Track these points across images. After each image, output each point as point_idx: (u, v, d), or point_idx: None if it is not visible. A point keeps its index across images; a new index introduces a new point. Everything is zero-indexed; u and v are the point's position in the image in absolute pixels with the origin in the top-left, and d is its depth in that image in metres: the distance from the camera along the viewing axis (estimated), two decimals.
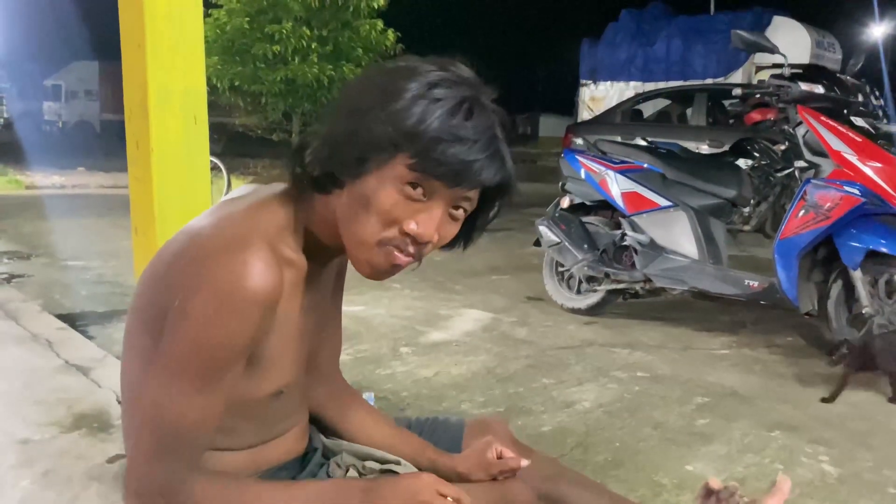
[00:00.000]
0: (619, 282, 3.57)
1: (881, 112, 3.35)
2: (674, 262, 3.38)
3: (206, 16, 9.52)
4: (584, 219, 3.79)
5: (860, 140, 2.90)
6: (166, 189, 2.74)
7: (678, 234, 3.40)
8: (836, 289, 2.99)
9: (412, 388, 2.61)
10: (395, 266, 0.88)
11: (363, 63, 10.61)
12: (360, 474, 1.04)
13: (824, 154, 2.97)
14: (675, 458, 2.09)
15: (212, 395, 0.85)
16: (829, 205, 2.88)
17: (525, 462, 1.06)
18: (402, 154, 0.83)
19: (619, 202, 3.52)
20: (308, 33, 10.19)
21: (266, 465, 1.01)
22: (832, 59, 11.49)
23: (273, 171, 11.44)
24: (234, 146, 14.85)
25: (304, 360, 1.01)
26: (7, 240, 5.55)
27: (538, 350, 3.15)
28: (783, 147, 3.35)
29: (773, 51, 3.13)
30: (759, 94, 3.22)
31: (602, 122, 8.16)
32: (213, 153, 4.56)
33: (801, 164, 3.11)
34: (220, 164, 7.84)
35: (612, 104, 9.81)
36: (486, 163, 0.84)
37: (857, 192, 2.84)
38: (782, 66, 3.17)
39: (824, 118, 2.97)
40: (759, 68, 9.74)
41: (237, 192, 1.00)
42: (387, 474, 1.02)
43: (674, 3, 13.20)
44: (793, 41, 10.25)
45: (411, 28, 12.29)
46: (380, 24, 10.80)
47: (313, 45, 10.20)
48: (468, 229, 0.95)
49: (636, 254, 3.51)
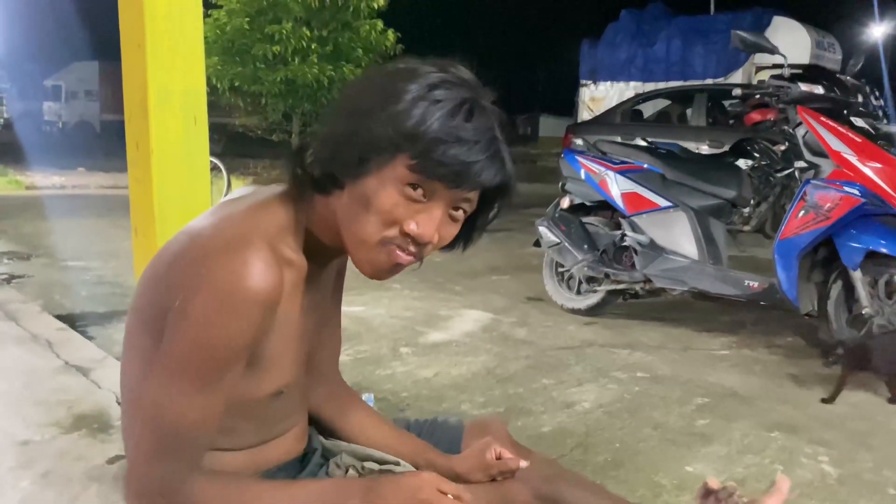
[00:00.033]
0: (619, 282, 3.58)
1: (881, 112, 3.35)
2: (674, 263, 3.38)
3: (206, 16, 9.53)
4: (584, 219, 3.79)
5: (860, 140, 2.91)
6: (166, 190, 2.74)
7: (678, 235, 3.40)
8: (835, 289, 2.99)
9: (412, 389, 2.62)
10: (396, 265, 0.89)
11: (363, 63, 10.61)
12: (360, 475, 1.04)
13: (824, 154, 2.97)
14: (674, 459, 2.09)
15: (212, 395, 0.85)
16: (828, 205, 2.88)
17: (524, 463, 1.06)
18: (402, 155, 0.83)
19: (619, 203, 3.53)
20: (308, 34, 10.19)
21: (265, 466, 1.01)
22: (832, 59, 11.48)
23: (273, 172, 11.43)
24: (235, 146, 14.85)
25: (304, 360, 1.01)
26: (7, 240, 5.55)
27: (538, 350, 3.15)
28: (783, 147, 3.35)
29: (773, 51, 3.13)
30: (758, 95, 3.22)
31: (602, 122, 8.16)
32: (213, 154, 4.56)
33: (801, 164, 3.11)
34: (220, 165, 7.84)
35: (612, 104, 9.80)
36: (486, 164, 0.85)
37: (856, 192, 2.84)
38: (782, 66, 3.17)
39: (824, 119, 2.97)
40: (759, 68, 9.74)
41: (237, 193, 1.00)
42: (386, 474, 1.02)
43: (674, 4, 13.19)
44: (793, 41, 10.24)
45: (411, 28, 12.29)
46: (380, 24, 10.80)
47: (313, 46, 10.20)
48: (468, 230, 0.95)
49: (636, 254, 3.51)
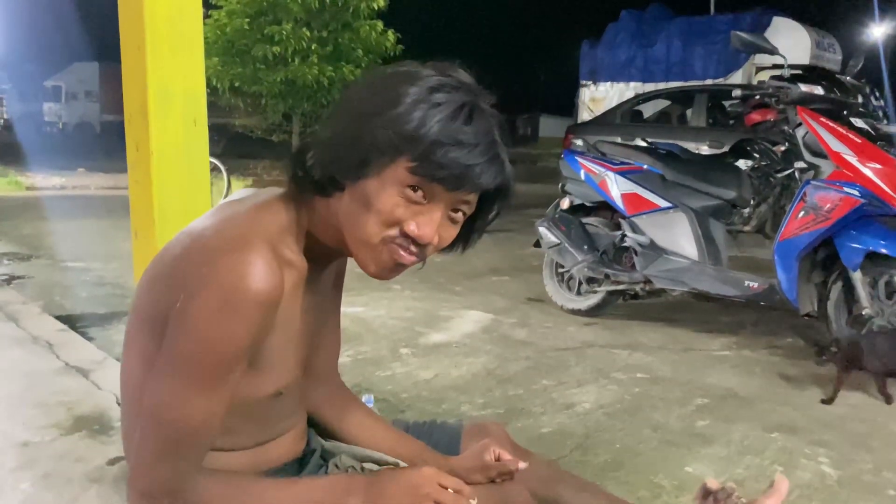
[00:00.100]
0: (619, 283, 3.58)
1: (881, 113, 3.35)
2: (674, 264, 3.38)
3: (206, 17, 9.53)
4: (584, 220, 3.79)
5: (860, 141, 2.91)
6: (166, 192, 2.74)
7: (678, 236, 3.40)
8: (835, 290, 2.99)
9: (412, 390, 2.62)
10: (399, 265, 0.89)
11: (363, 64, 10.60)
12: None
13: (824, 155, 2.98)
14: (674, 460, 2.09)
15: (214, 396, 0.85)
16: (828, 206, 2.88)
17: (523, 465, 1.06)
18: (402, 157, 0.84)
19: (619, 203, 3.53)
20: (308, 34, 10.18)
21: (265, 466, 1.01)
22: (832, 59, 11.48)
23: (273, 172, 11.43)
24: (235, 147, 14.85)
25: (304, 361, 1.01)
26: (7, 241, 5.55)
27: (538, 351, 3.15)
28: (783, 148, 3.35)
29: (773, 52, 3.14)
30: (758, 96, 3.22)
31: (602, 122, 8.16)
32: (213, 154, 4.56)
33: (801, 165, 3.12)
34: (221, 166, 7.84)
35: (612, 105, 9.80)
36: (485, 167, 0.85)
37: (856, 193, 2.85)
38: (782, 67, 3.17)
39: (824, 119, 2.97)
40: (759, 69, 9.73)
41: (237, 194, 1.00)
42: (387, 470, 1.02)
43: (674, 4, 13.19)
44: (793, 42, 10.24)
45: (411, 29, 12.29)
46: (380, 25, 10.80)
47: (313, 47, 10.19)
48: (467, 232, 0.96)
49: (636, 255, 3.51)
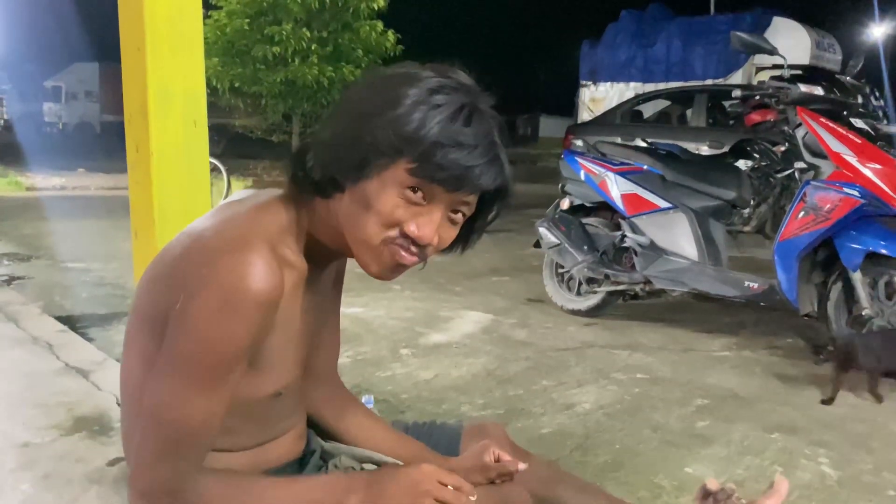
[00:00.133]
0: (619, 283, 3.58)
1: (881, 113, 3.34)
2: (674, 264, 3.38)
3: (206, 17, 9.53)
4: (584, 220, 3.79)
5: (859, 142, 2.91)
6: (166, 193, 2.75)
7: (678, 236, 3.40)
8: (835, 290, 3.00)
9: (412, 391, 2.62)
10: (400, 265, 0.90)
11: (363, 64, 10.61)
12: None
13: (824, 156, 2.98)
14: (674, 460, 2.09)
15: (215, 396, 0.85)
16: (828, 206, 2.88)
17: (522, 465, 1.06)
18: (402, 159, 0.84)
19: (619, 204, 3.53)
20: (308, 35, 10.19)
21: (265, 467, 1.01)
22: (832, 59, 11.49)
23: (273, 173, 11.42)
24: (235, 147, 14.86)
25: (303, 361, 1.01)
26: (7, 241, 5.55)
27: (538, 352, 3.15)
28: (783, 148, 3.35)
29: (773, 52, 3.14)
30: (758, 96, 3.22)
31: (602, 123, 8.16)
32: (213, 155, 4.56)
33: (801, 165, 3.12)
34: (221, 166, 7.84)
35: (612, 105, 9.81)
36: (485, 168, 0.85)
37: (856, 193, 2.85)
38: (782, 67, 3.17)
39: (824, 120, 2.98)
40: (759, 69, 9.73)
41: (237, 195, 1.00)
42: (387, 468, 1.02)
43: (673, 4, 13.20)
44: (793, 42, 10.25)
45: (411, 29, 12.29)
46: (380, 25, 10.80)
47: (313, 47, 10.20)
48: (466, 233, 0.96)
49: (636, 255, 3.51)
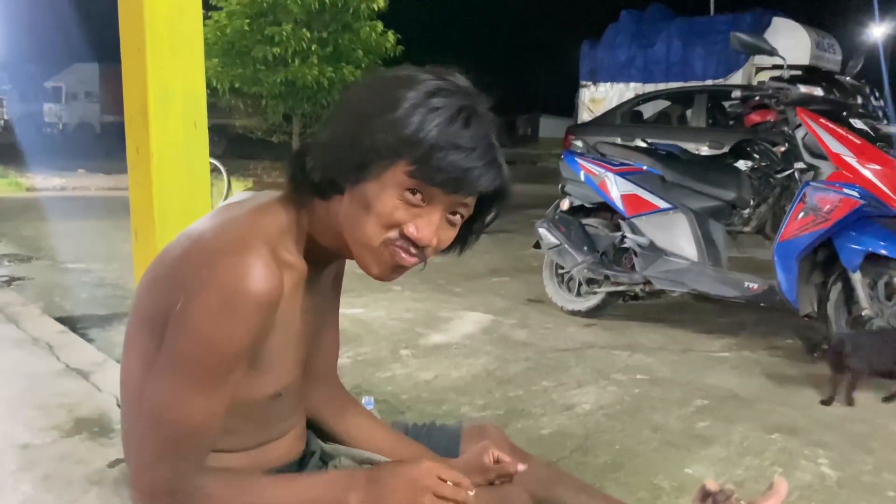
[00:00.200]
0: (619, 284, 3.58)
1: (881, 113, 3.34)
2: (673, 265, 3.38)
3: (206, 18, 9.53)
4: (584, 221, 3.79)
5: (859, 142, 2.91)
6: (166, 194, 2.75)
7: (678, 237, 3.40)
8: (835, 291, 3.00)
9: (412, 391, 2.62)
10: (400, 266, 0.90)
11: (363, 65, 10.61)
12: None
13: (823, 156, 2.98)
14: (674, 461, 2.09)
15: (215, 396, 0.86)
16: (828, 207, 2.88)
17: (522, 466, 1.07)
18: (401, 161, 0.84)
19: (619, 204, 3.53)
20: (308, 35, 10.19)
21: (265, 467, 1.01)
22: (832, 59, 11.48)
23: (273, 173, 11.43)
24: (235, 148, 14.88)
25: (303, 362, 1.02)
26: (7, 242, 5.56)
27: (538, 352, 3.16)
28: (783, 149, 3.35)
29: (772, 53, 3.14)
30: (758, 97, 3.22)
31: (602, 123, 8.17)
32: (214, 155, 4.56)
33: (801, 165, 3.12)
34: (221, 167, 7.85)
35: (612, 105, 9.82)
36: (483, 170, 0.86)
37: (856, 194, 2.85)
38: (782, 67, 3.17)
39: (823, 121, 2.98)
40: (759, 69, 9.74)
41: (236, 197, 1.00)
42: (387, 466, 1.03)
43: (673, 5, 13.21)
44: (793, 42, 10.25)
45: (411, 30, 12.30)
46: (380, 26, 10.80)
47: (313, 47, 10.20)
48: (464, 234, 0.96)
49: (636, 256, 3.51)
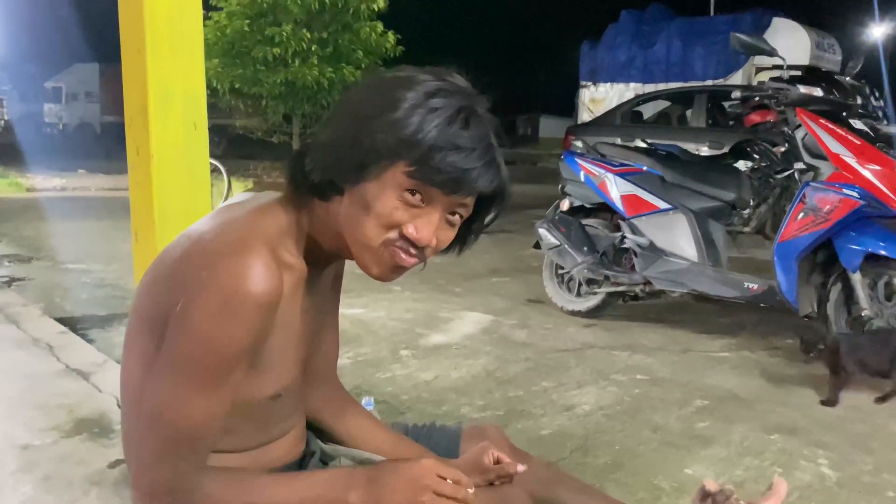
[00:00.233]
0: (619, 284, 3.58)
1: (881, 113, 3.34)
2: (673, 265, 3.39)
3: (206, 18, 9.53)
4: (584, 221, 3.79)
5: (859, 143, 2.91)
6: (166, 195, 2.76)
7: (678, 237, 3.40)
8: (835, 291, 3.00)
9: (412, 392, 2.62)
10: (400, 267, 0.90)
11: (363, 65, 10.60)
12: None
13: (823, 157, 2.98)
14: (674, 462, 2.09)
15: (215, 397, 0.86)
16: (828, 207, 2.88)
17: (521, 467, 1.07)
18: (401, 162, 0.85)
19: (619, 205, 3.53)
20: (308, 36, 10.18)
21: (265, 467, 1.01)
22: (832, 60, 11.48)
23: (274, 174, 11.43)
24: (235, 148, 14.88)
25: (303, 363, 1.02)
26: (8, 243, 5.56)
27: (538, 353, 3.16)
28: (783, 149, 3.35)
29: (772, 53, 3.14)
30: (758, 97, 3.22)
31: (602, 123, 8.17)
32: (214, 156, 4.56)
33: (801, 166, 3.12)
34: (221, 167, 7.85)
35: (612, 106, 9.82)
36: (482, 171, 0.86)
37: (855, 194, 2.85)
38: (782, 68, 3.17)
39: (823, 121, 2.98)
40: (759, 69, 9.74)
41: (236, 198, 1.00)
42: (387, 465, 1.03)
43: (673, 5, 13.22)
44: (793, 42, 10.26)
45: (411, 30, 12.29)
46: (380, 26, 10.79)
47: (313, 48, 10.19)
48: (463, 234, 0.96)
49: (636, 256, 3.51)
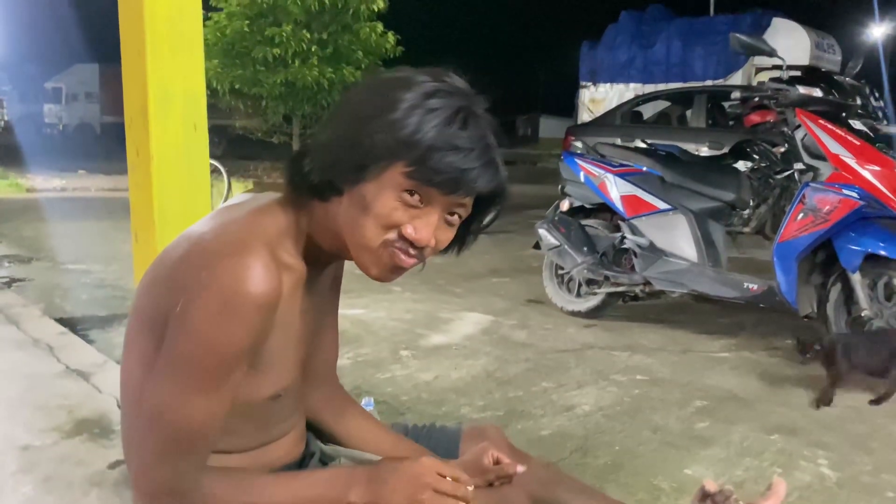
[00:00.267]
0: (619, 285, 3.58)
1: (881, 113, 3.34)
2: (673, 265, 3.39)
3: (206, 19, 9.53)
4: (584, 222, 3.79)
5: (858, 143, 2.91)
6: (166, 196, 2.76)
7: (677, 237, 3.40)
8: (835, 292, 3.00)
9: (412, 392, 2.62)
10: (399, 267, 0.90)
11: (363, 66, 10.61)
12: None
13: (823, 157, 2.98)
14: (674, 462, 2.09)
15: (215, 397, 0.86)
16: (827, 208, 2.88)
17: (521, 468, 1.07)
18: (399, 162, 0.85)
19: (619, 205, 3.53)
20: (308, 36, 10.19)
21: (265, 468, 1.01)
22: (832, 60, 11.49)
23: (274, 174, 11.43)
24: (235, 149, 14.88)
25: (302, 363, 1.02)
26: (8, 243, 5.56)
27: (538, 353, 3.16)
28: (782, 150, 3.35)
29: (772, 54, 3.14)
30: (757, 97, 3.22)
31: (602, 124, 8.17)
32: (214, 156, 4.56)
33: (800, 166, 3.12)
34: (221, 168, 7.85)
35: (612, 106, 9.82)
36: (480, 171, 0.86)
37: (855, 195, 2.85)
38: (781, 68, 3.17)
39: (822, 122, 2.98)
40: (759, 69, 9.74)
41: (236, 199, 1.01)
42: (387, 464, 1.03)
43: (673, 5, 13.23)
44: (792, 43, 10.26)
45: (411, 30, 12.30)
46: (379, 26, 10.80)
47: (313, 48, 10.20)
48: (462, 234, 0.97)
49: (636, 257, 3.51)
